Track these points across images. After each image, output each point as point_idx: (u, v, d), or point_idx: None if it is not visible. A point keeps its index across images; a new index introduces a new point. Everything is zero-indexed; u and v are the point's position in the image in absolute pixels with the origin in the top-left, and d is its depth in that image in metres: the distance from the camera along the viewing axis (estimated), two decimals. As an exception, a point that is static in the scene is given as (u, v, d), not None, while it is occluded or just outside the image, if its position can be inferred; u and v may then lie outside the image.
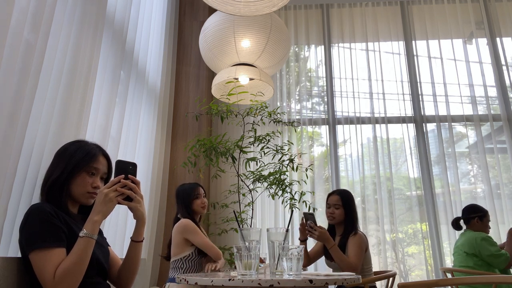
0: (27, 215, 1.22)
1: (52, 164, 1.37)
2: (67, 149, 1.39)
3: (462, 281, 1.83)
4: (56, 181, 1.30)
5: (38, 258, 1.15)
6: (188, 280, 1.34)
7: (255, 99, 3.02)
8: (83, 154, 1.36)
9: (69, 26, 1.89)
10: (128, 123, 2.67)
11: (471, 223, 2.96)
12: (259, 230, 1.49)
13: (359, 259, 2.28)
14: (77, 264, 1.16)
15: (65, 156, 1.36)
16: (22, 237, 1.20)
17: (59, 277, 1.13)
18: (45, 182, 1.33)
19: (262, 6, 1.93)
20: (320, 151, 4.28)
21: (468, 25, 4.37)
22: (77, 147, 1.39)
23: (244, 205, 3.17)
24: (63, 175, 1.31)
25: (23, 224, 1.21)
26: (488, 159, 3.95)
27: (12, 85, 1.47)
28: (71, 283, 1.14)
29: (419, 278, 3.75)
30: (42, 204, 1.24)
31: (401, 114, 4.15)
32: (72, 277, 1.14)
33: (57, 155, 1.40)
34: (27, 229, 1.19)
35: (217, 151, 2.97)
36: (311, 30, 4.46)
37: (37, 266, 1.15)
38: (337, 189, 2.70)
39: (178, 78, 3.87)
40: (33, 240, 1.17)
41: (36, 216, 1.20)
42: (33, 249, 1.16)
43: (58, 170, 1.32)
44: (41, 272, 1.14)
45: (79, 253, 1.17)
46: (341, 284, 1.34)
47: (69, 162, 1.33)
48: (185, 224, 2.35)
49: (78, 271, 1.16)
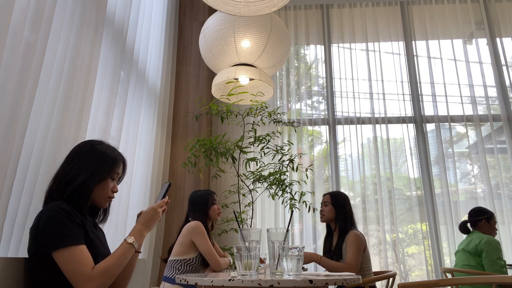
0: (49, 213, 1.19)
1: (74, 164, 1.32)
2: (92, 151, 1.35)
3: (462, 281, 1.83)
4: (83, 185, 1.29)
5: (70, 255, 1.15)
6: (188, 280, 1.34)
7: (255, 99, 3.02)
8: (111, 160, 1.36)
9: (69, 26, 1.89)
10: (128, 123, 2.66)
11: (478, 225, 2.95)
12: (259, 231, 1.49)
13: (357, 259, 2.29)
14: (116, 266, 1.21)
15: (93, 159, 1.33)
16: (43, 236, 1.17)
17: (99, 273, 1.16)
18: (67, 182, 1.28)
19: (262, 6, 1.93)
20: (320, 151, 4.28)
21: (468, 25, 4.37)
22: (102, 151, 1.37)
23: (244, 205, 3.17)
24: (91, 180, 1.30)
25: (44, 223, 1.18)
26: (488, 159, 3.95)
27: (12, 85, 1.47)
28: (106, 282, 1.17)
29: (419, 278, 3.74)
30: (62, 204, 1.23)
31: (401, 114, 4.15)
32: (109, 277, 1.18)
33: (81, 155, 1.34)
34: (51, 228, 1.17)
35: (217, 151, 2.96)
36: (311, 30, 4.46)
37: (69, 262, 1.14)
38: (329, 191, 2.76)
39: (178, 78, 3.87)
40: (61, 238, 1.16)
41: (61, 215, 1.19)
42: (63, 247, 1.15)
43: (85, 174, 1.29)
44: (75, 268, 1.14)
45: (121, 257, 1.23)
46: (341, 284, 1.34)
47: (98, 167, 1.33)
48: (196, 225, 2.29)
49: (115, 272, 1.20)
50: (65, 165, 1.34)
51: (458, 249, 3.01)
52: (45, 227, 1.18)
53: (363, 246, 2.37)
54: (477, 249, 2.78)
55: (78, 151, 1.36)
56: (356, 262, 2.28)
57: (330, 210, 2.53)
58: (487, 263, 2.72)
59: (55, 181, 1.31)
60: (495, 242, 2.78)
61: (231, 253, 2.86)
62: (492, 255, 2.72)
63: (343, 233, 2.43)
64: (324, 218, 2.56)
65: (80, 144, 1.40)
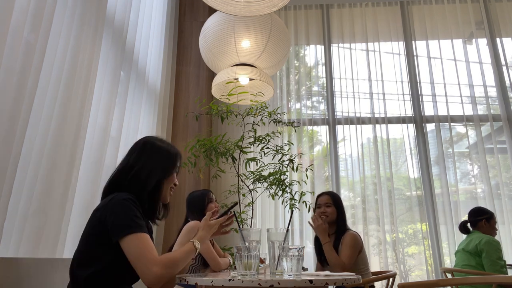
0: (122, 201, 1.24)
1: (142, 162, 1.38)
2: (158, 149, 1.42)
3: (462, 281, 1.83)
4: (157, 184, 1.36)
5: (140, 240, 1.20)
6: (188, 280, 1.34)
7: (255, 99, 3.02)
8: (174, 155, 1.45)
9: (69, 26, 1.89)
10: (128, 123, 2.66)
11: (478, 225, 2.95)
12: (259, 231, 1.49)
13: (351, 260, 2.28)
14: (181, 260, 1.27)
15: (159, 157, 1.41)
16: (115, 218, 1.22)
17: (166, 259, 1.22)
18: (137, 181, 1.34)
19: (262, 6, 1.93)
20: (320, 151, 4.28)
21: (468, 25, 4.37)
22: (169, 147, 1.46)
23: (244, 205, 3.16)
24: (162, 178, 1.38)
25: (119, 205, 1.23)
26: (488, 159, 3.95)
27: (12, 85, 1.47)
28: (169, 272, 1.21)
29: (419, 278, 3.74)
30: (131, 196, 1.29)
31: (401, 114, 4.15)
32: (172, 268, 1.23)
33: (147, 153, 1.40)
34: (124, 213, 1.22)
35: (217, 151, 2.96)
36: (311, 30, 4.46)
37: (139, 245, 1.19)
38: (325, 191, 2.73)
39: (178, 78, 3.87)
40: (131, 224, 1.21)
41: (132, 205, 1.25)
42: (134, 232, 1.20)
43: (157, 173, 1.37)
44: (144, 252, 1.19)
45: (187, 254, 1.31)
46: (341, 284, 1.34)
47: (166, 164, 1.41)
48: (194, 225, 2.26)
49: (178, 265, 1.26)
50: (132, 162, 1.39)
51: (458, 249, 3.00)
52: (117, 213, 1.22)
53: (359, 247, 2.36)
54: (477, 249, 2.78)
55: (143, 149, 1.41)
56: (349, 263, 2.27)
57: (333, 211, 2.47)
58: (487, 263, 2.72)
59: (123, 177, 1.35)
60: (495, 242, 2.78)
61: (231, 253, 2.86)
62: (492, 255, 2.72)
63: (339, 234, 2.42)
64: (327, 220, 2.49)
65: (141, 141, 1.45)
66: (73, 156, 1.90)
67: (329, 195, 2.56)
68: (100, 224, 1.23)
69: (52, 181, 1.73)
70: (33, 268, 1.47)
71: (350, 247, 2.31)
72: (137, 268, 1.18)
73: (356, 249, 2.32)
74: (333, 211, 2.48)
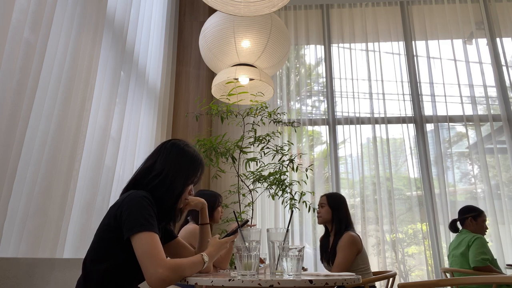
0: (139, 199, 1.25)
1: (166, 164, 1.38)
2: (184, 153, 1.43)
3: (462, 281, 1.83)
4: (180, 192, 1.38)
5: (150, 239, 1.20)
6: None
7: (255, 99, 3.02)
8: (198, 163, 1.45)
9: (69, 26, 1.89)
10: (128, 123, 2.66)
11: (465, 223, 2.97)
12: (259, 231, 1.49)
13: (344, 264, 2.30)
14: (188, 268, 1.27)
15: (185, 162, 1.41)
16: (128, 214, 1.22)
17: (172, 263, 1.21)
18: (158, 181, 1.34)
19: (262, 6, 1.93)
20: (320, 151, 4.28)
21: (468, 25, 4.37)
22: (194, 155, 1.45)
23: (244, 206, 3.16)
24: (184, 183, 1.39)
25: (135, 202, 1.24)
26: (488, 159, 3.95)
27: (12, 85, 1.47)
28: (173, 277, 1.20)
29: (419, 279, 3.74)
30: (148, 195, 1.29)
31: (401, 114, 4.15)
32: (177, 273, 1.21)
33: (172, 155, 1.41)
34: (138, 211, 1.23)
35: (217, 151, 2.96)
36: (311, 30, 4.46)
37: (148, 244, 1.19)
38: (326, 193, 2.76)
39: (178, 78, 3.87)
40: (144, 223, 1.21)
41: (147, 204, 1.26)
42: (145, 230, 1.20)
43: (180, 177, 1.38)
44: (152, 251, 1.19)
45: (194, 264, 1.30)
46: (341, 284, 1.34)
47: (190, 170, 1.41)
48: (194, 229, 2.21)
49: (183, 273, 1.25)
50: (155, 163, 1.39)
51: (449, 251, 3.00)
52: (131, 210, 1.23)
53: (357, 249, 2.36)
54: (466, 247, 2.79)
55: (170, 151, 1.42)
56: (343, 268, 2.28)
57: (326, 211, 2.53)
58: (471, 255, 2.74)
59: (147, 177, 1.36)
60: (483, 239, 2.81)
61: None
62: (478, 248, 2.74)
63: (338, 235, 2.42)
64: (320, 220, 2.57)
65: (169, 143, 1.45)
66: (73, 156, 1.90)
67: (326, 196, 2.62)
68: (115, 220, 1.24)
69: (52, 181, 1.72)
70: (33, 268, 1.47)
71: (342, 250, 2.33)
72: (143, 267, 1.18)
73: (351, 251, 2.33)
74: (326, 211, 2.53)
